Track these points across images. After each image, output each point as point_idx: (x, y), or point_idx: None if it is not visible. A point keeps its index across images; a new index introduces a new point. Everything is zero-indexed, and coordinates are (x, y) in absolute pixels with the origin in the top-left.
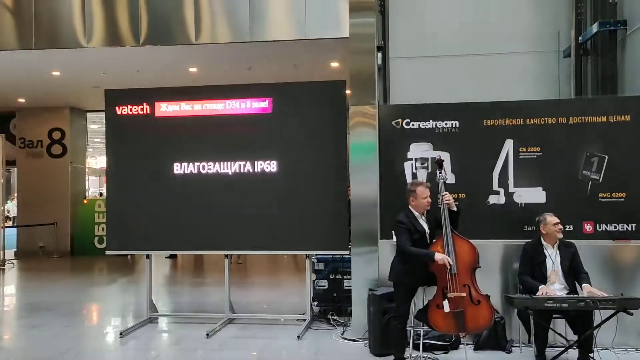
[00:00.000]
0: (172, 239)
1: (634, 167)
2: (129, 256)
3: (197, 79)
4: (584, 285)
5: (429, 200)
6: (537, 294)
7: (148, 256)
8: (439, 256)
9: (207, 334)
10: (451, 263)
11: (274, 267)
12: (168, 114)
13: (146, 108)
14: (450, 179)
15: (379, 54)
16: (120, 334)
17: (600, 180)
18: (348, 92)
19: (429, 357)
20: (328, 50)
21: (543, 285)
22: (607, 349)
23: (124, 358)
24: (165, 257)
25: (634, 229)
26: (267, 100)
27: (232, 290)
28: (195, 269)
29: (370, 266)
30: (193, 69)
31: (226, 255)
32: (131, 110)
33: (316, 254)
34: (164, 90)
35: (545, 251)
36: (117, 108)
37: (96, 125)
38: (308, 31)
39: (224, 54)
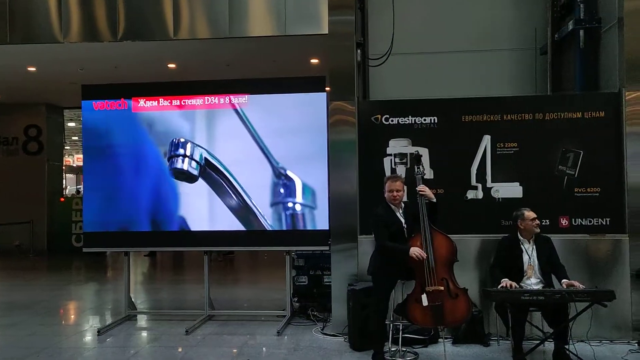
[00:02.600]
0: (151, 236)
1: (608, 163)
2: (107, 253)
3: (175, 75)
4: (563, 280)
5: (396, 194)
6: (499, 286)
7: (126, 253)
8: (413, 251)
9: (186, 331)
10: (423, 257)
11: (254, 263)
12: (146, 110)
13: (124, 103)
14: (429, 174)
15: (359, 50)
16: (98, 331)
17: (576, 175)
18: (328, 88)
19: (408, 351)
20: (308, 46)
21: (506, 279)
22: (582, 341)
23: (102, 356)
24: (145, 255)
25: (608, 223)
26: (246, 96)
27: (212, 287)
28: (175, 266)
29: (350, 262)
30: (172, 65)
31: (205, 252)
32: (108, 105)
33: (296, 250)
34: (142, 85)
35: (521, 246)
36: (93, 103)
37: (74, 122)
38: (287, 27)
39: (203, 50)
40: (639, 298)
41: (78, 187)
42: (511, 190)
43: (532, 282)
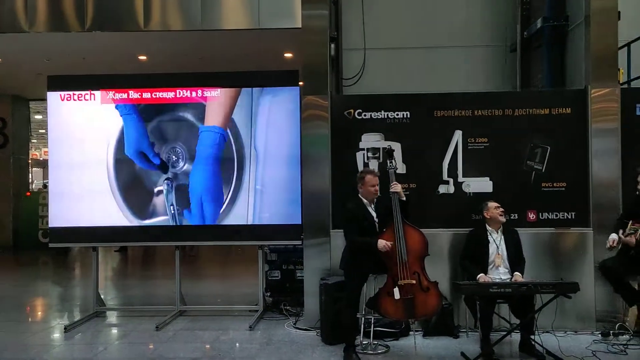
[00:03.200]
0: (120, 231)
1: (574, 158)
2: (70, 249)
3: (146, 67)
4: (515, 273)
5: (377, 189)
6: (481, 281)
7: (94, 249)
8: (380, 244)
9: (157, 327)
10: (389, 246)
11: (227, 258)
12: (115, 102)
13: (92, 95)
14: (401, 168)
15: (332, 45)
16: (65, 328)
17: (543, 171)
18: (301, 82)
19: (379, 344)
20: (282, 40)
21: (481, 274)
22: (547, 331)
23: (69, 353)
24: (115, 251)
25: (573, 217)
26: (218, 90)
27: (184, 283)
28: (146, 262)
29: (322, 256)
30: (142, 57)
31: (177, 247)
32: (76, 97)
33: (269, 245)
34: (111, 77)
35: (489, 236)
36: (60, 95)
37: (40, 115)
38: (261, 21)
39: (175, 42)
40: (602, 290)
41: (45, 181)
42: (482, 184)
43: (501, 271)
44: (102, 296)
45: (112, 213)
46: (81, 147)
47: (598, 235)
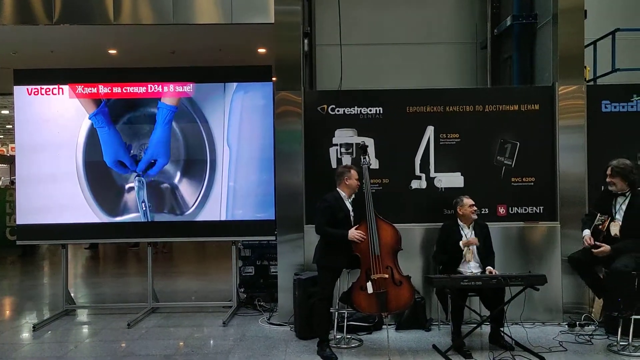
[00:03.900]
0: (89, 228)
1: (542, 154)
2: (39, 247)
3: (117, 61)
4: (487, 267)
5: (358, 182)
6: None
7: (64, 246)
8: (352, 234)
9: (129, 324)
10: (364, 237)
11: (201, 255)
12: (85, 96)
13: (60, 90)
14: (374, 164)
15: (306, 40)
16: (34, 327)
17: (513, 166)
18: (274, 78)
19: (352, 338)
20: (255, 35)
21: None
22: (516, 323)
23: (39, 352)
24: (85, 248)
25: (541, 211)
26: (190, 85)
27: (157, 280)
28: (117, 259)
29: (296, 252)
30: (112, 51)
31: (149, 244)
32: (43, 91)
33: (242, 241)
34: (81, 71)
35: (461, 231)
36: (27, 89)
37: (7, 110)
38: (234, 16)
39: (146, 36)
40: (569, 282)
41: (12, 177)
42: (453, 179)
43: (472, 266)
44: (72, 294)
45: (82, 210)
46: (49, 144)
47: (565, 229)
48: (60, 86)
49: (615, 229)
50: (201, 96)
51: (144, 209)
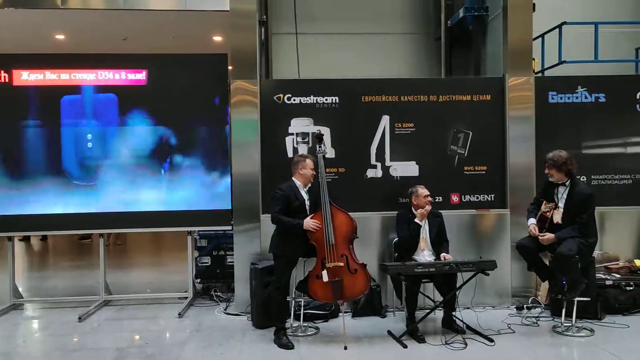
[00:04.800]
0: (34, 220)
1: (493, 143)
2: None
3: (65, 47)
4: (442, 254)
5: (314, 172)
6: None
7: (10, 238)
8: (307, 224)
9: (80, 318)
10: (319, 226)
11: (156, 246)
12: (30, 83)
13: (3, 76)
14: (330, 153)
15: (262, 29)
16: None
17: (466, 155)
18: (230, 67)
19: (309, 327)
20: (210, 23)
21: None
22: (468, 307)
23: None
24: (19, 240)
25: (493, 199)
26: (143, 72)
27: (110, 272)
28: (68, 252)
29: (253, 241)
30: (60, 37)
31: (101, 235)
32: None
33: (198, 231)
34: (25, 56)
35: (416, 220)
36: None
37: None
38: (188, 2)
39: (96, 21)
40: (517, 267)
41: None
42: (408, 168)
43: (426, 254)
44: (19, 288)
45: (30, 201)
46: None
47: (514, 216)
48: (4, 72)
49: (557, 216)
50: (154, 84)
51: None
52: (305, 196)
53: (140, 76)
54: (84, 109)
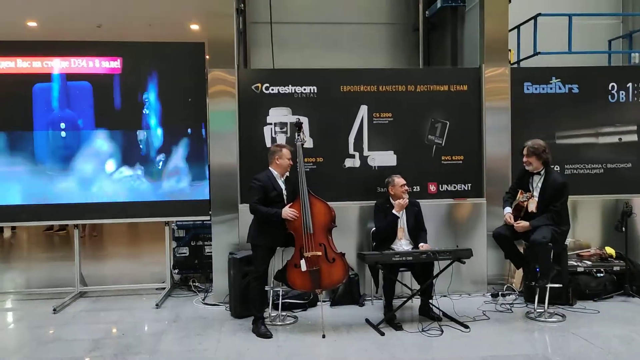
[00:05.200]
0: (12, 210)
1: (470, 133)
2: None
3: (37, 35)
4: (420, 244)
5: (292, 162)
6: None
7: None
8: (285, 212)
9: (55, 309)
10: (297, 215)
11: (133, 237)
12: (1, 71)
13: None
14: (309, 143)
15: (240, 18)
16: None
17: (443, 145)
18: (207, 56)
19: (288, 316)
20: (186, 11)
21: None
22: (444, 295)
23: None
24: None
25: (469, 188)
26: (118, 60)
27: (86, 264)
28: (42, 244)
29: (231, 231)
30: (32, 24)
31: (76, 226)
32: None
33: (176, 221)
34: None
35: (393, 210)
36: None
37: None
38: None
39: (69, 8)
40: (493, 255)
41: None
42: (386, 158)
43: (403, 243)
44: None
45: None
46: None
47: (490, 205)
48: None
49: (532, 205)
50: (130, 73)
51: None
52: (283, 186)
53: (115, 64)
54: (57, 97)
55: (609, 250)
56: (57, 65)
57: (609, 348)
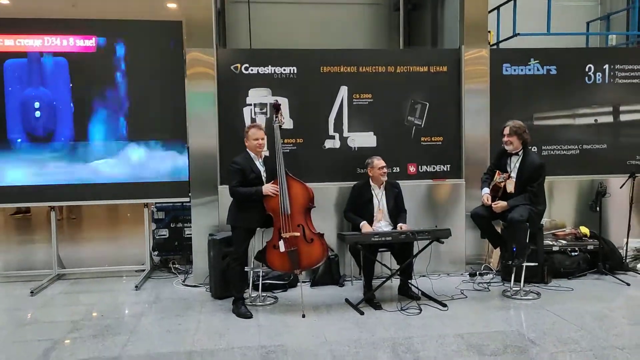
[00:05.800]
0: None
1: (449, 114)
2: None
3: (8, 12)
4: (399, 224)
5: (261, 143)
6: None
7: None
8: (266, 189)
9: (32, 292)
10: (277, 191)
11: (112, 219)
12: None
13: None
14: (289, 124)
15: None
16: None
17: (423, 126)
18: (185, 36)
19: (268, 296)
20: None
21: (364, 222)
22: (423, 275)
23: None
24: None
25: (448, 170)
26: (92, 38)
27: (64, 246)
28: (19, 225)
29: (211, 213)
30: (5, 1)
31: (52, 208)
32: None
33: (155, 203)
34: None
35: (372, 191)
36: None
37: None
38: None
39: None
40: (471, 235)
41: None
42: (366, 139)
43: (382, 224)
44: None
45: None
46: None
47: (469, 187)
48: None
49: (510, 186)
50: (105, 52)
51: None
52: (262, 168)
53: (89, 42)
54: (31, 75)
55: (584, 229)
56: (30, 43)
57: (582, 324)
